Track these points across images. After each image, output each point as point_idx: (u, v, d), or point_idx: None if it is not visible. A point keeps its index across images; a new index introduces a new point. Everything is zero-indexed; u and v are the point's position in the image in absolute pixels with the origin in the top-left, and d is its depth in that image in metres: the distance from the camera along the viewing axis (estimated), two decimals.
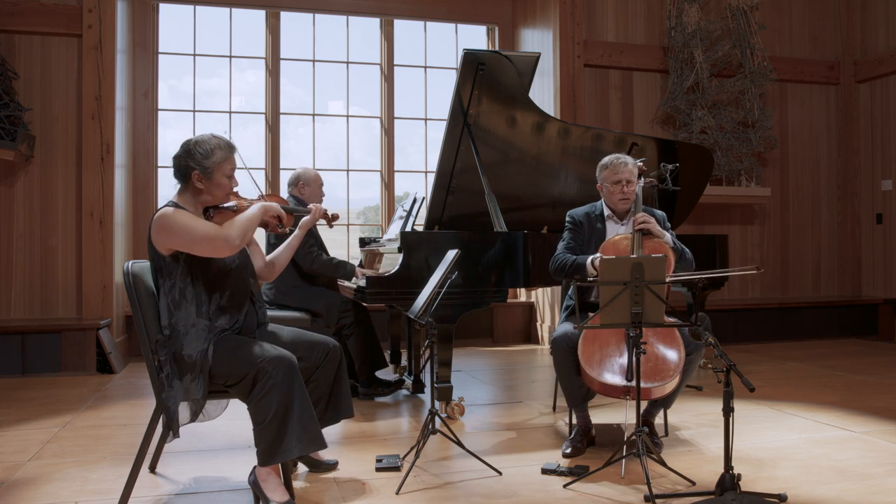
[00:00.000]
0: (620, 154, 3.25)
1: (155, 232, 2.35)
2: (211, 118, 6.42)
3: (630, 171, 3.17)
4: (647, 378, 2.70)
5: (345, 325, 4.06)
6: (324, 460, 2.81)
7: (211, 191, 2.43)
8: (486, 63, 3.92)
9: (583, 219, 3.30)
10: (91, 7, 5.38)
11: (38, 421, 3.64)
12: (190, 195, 2.45)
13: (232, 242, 2.32)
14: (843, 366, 5.22)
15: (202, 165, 2.39)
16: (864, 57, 7.26)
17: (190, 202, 2.45)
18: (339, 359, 2.66)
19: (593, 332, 2.85)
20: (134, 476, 2.38)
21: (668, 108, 6.69)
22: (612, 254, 3.04)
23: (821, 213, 7.38)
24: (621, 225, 3.24)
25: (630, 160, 3.20)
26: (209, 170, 2.40)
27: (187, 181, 2.43)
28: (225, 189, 2.46)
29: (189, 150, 2.41)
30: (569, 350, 2.91)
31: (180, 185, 2.46)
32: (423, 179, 6.88)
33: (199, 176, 2.40)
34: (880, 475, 2.71)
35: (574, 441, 3.01)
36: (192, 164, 2.40)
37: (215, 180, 2.42)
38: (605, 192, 3.24)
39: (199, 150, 2.41)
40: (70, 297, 5.50)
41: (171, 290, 2.38)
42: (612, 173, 3.18)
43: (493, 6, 6.92)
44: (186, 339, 2.35)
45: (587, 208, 3.33)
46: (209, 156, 2.40)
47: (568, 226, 3.34)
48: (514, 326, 6.65)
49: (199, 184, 2.41)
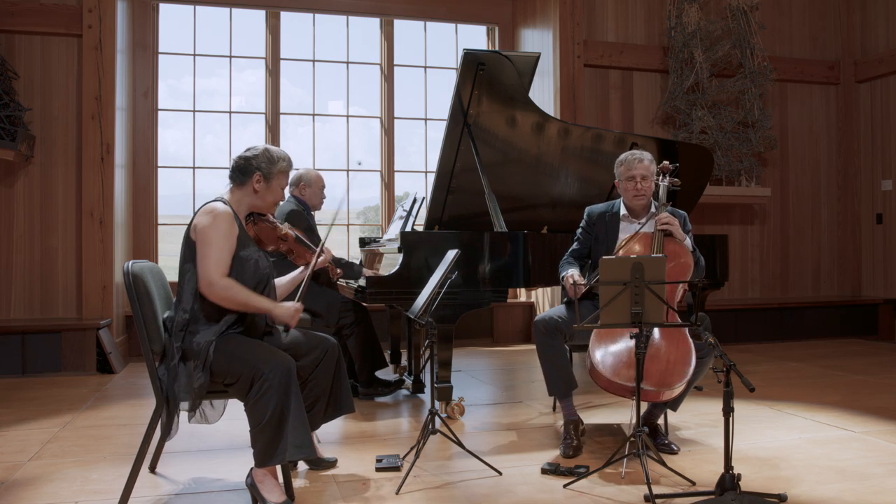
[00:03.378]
0: (638, 150, 3.20)
1: (200, 217, 2.44)
2: (211, 118, 6.42)
3: (646, 167, 3.13)
4: (657, 382, 2.69)
5: (345, 324, 4.05)
6: (324, 458, 2.81)
7: (265, 196, 2.55)
8: (486, 63, 3.92)
9: (597, 217, 3.28)
10: (91, 7, 5.38)
11: (38, 421, 3.64)
12: (242, 195, 2.55)
13: (213, 295, 2.37)
14: (843, 366, 5.21)
15: (267, 169, 2.52)
16: (864, 57, 7.25)
17: (241, 202, 2.55)
18: (337, 356, 2.68)
19: (605, 331, 2.83)
20: (134, 476, 2.38)
21: (668, 108, 6.69)
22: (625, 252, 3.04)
23: (821, 213, 7.38)
24: (637, 223, 3.19)
25: (647, 157, 3.16)
26: (271, 175, 2.53)
27: (246, 180, 2.52)
28: (277, 197, 2.59)
29: (259, 154, 2.53)
30: (547, 333, 2.89)
31: (233, 185, 2.55)
32: (423, 179, 6.89)
33: (259, 178, 2.52)
34: (880, 475, 2.71)
35: (569, 440, 2.99)
36: (257, 165, 2.51)
37: (272, 186, 2.55)
38: (621, 188, 3.22)
39: (267, 154, 2.54)
40: (70, 297, 5.50)
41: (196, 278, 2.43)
42: (626, 169, 3.15)
43: (493, 6, 6.92)
44: (205, 329, 2.39)
45: (605, 206, 3.31)
46: (275, 162, 2.54)
47: (581, 224, 3.34)
48: (514, 326, 6.65)
49: (258, 185, 2.52)
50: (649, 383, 2.68)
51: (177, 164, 6.35)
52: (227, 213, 2.44)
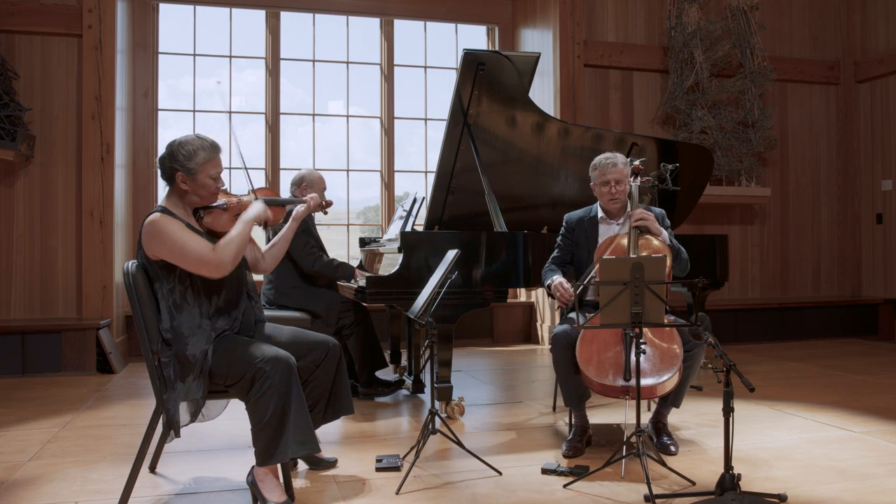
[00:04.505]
0: (611, 154, 3.21)
1: (145, 239, 2.35)
2: (211, 118, 6.42)
3: (619, 171, 3.15)
4: (646, 375, 2.70)
5: (345, 325, 4.05)
6: (324, 458, 2.81)
7: (196, 191, 2.43)
8: (486, 63, 3.92)
9: (575, 223, 3.32)
10: (91, 7, 5.38)
11: (38, 421, 3.64)
12: (177, 197, 2.45)
13: (224, 268, 2.34)
14: (843, 366, 5.21)
15: (185, 167, 2.39)
16: (864, 57, 7.25)
17: (178, 204, 2.45)
18: (338, 357, 2.66)
19: (591, 334, 2.85)
20: (134, 476, 2.38)
21: (668, 108, 6.69)
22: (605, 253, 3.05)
23: (821, 213, 7.38)
24: (616, 224, 3.23)
25: (621, 160, 3.17)
26: (193, 171, 2.40)
27: (172, 182, 2.43)
28: (210, 190, 2.45)
29: (172, 152, 2.41)
30: (568, 347, 2.91)
31: (168, 188, 2.46)
32: (423, 179, 6.89)
33: (182, 177, 2.40)
34: (880, 475, 2.71)
35: (573, 441, 3.01)
36: (175, 166, 2.40)
37: (199, 181, 2.42)
38: (597, 192, 3.24)
39: (182, 151, 2.40)
40: (70, 297, 5.50)
41: (170, 294, 2.37)
42: (601, 174, 3.18)
43: (493, 6, 6.92)
44: (191, 340, 2.35)
45: (583, 211, 3.34)
46: (192, 157, 2.39)
47: (561, 231, 3.36)
48: (514, 326, 6.65)
49: (184, 185, 2.41)
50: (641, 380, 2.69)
51: None
52: (165, 218, 2.34)
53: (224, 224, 2.50)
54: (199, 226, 2.48)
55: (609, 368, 2.75)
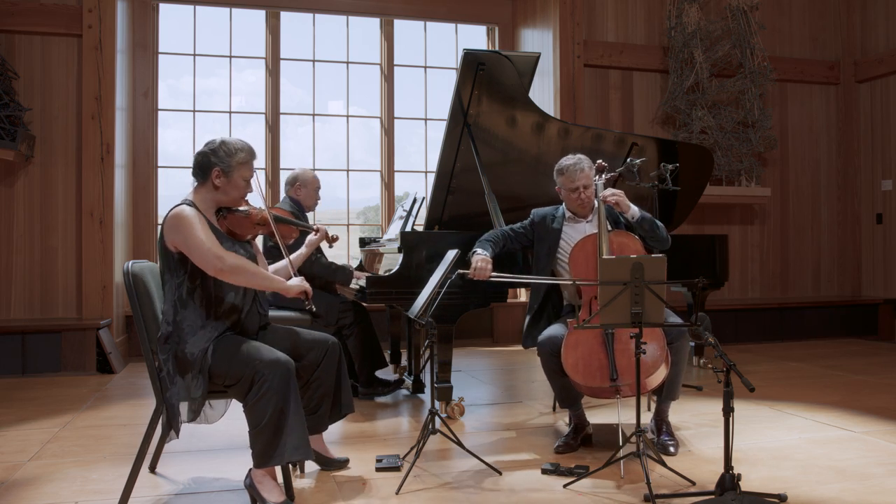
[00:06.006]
0: (576, 158, 3.17)
1: (167, 228, 2.38)
2: (210, 118, 6.42)
3: (587, 175, 3.14)
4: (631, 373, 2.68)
5: (344, 325, 4.05)
6: (335, 458, 2.80)
7: (227, 190, 2.47)
8: (486, 63, 3.91)
9: (540, 220, 3.32)
10: (91, 7, 5.38)
11: (38, 421, 3.64)
12: (206, 192, 2.48)
13: (220, 273, 2.33)
14: (843, 366, 5.21)
15: (225, 162, 2.45)
16: (864, 57, 7.25)
17: (206, 199, 2.48)
18: (338, 354, 2.66)
19: (574, 339, 2.85)
20: (134, 476, 2.38)
21: (668, 108, 6.69)
22: (581, 258, 3.05)
23: (821, 213, 7.38)
24: (586, 223, 3.24)
25: (587, 164, 3.15)
26: (230, 168, 2.45)
27: (206, 177, 2.46)
28: (240, 191, 2.50)
29: (214, 147, 2.46)
30: (553, 355, 2.91)
31: (197, 182, 2.49)
32: (423, 179, 6.89)
33: (219, 173, 2.45)
34: (880, 475, 2.71)
35: (567, 438, 3.02)
36: (214, 161, 2.44)
37: (233, 180, 2.47)
38: (563, 196, 3.24)
39: (224, 147, 2.46)
40: (70, 297, 5.50)
41: (179, 288, 2.39)
42: (568, 181, 3.17)
43: (493, 6, 6.92)
44: (192, 338, 2.36)
45: (550, 210, 3.34)
46: (233, 154, 2.46)
47: (525, 221, 3.35)
48: (514, 326, 6.64)
49: (218, 181, 2.45)
50: (628, 377, 2.69)
51: (177, 164, 6.36)
52: (191, 212, 2.37)
53: (243, 230, 2.55)
54: (219, 225, 2.51)
55: (596, 371, 2.76)
